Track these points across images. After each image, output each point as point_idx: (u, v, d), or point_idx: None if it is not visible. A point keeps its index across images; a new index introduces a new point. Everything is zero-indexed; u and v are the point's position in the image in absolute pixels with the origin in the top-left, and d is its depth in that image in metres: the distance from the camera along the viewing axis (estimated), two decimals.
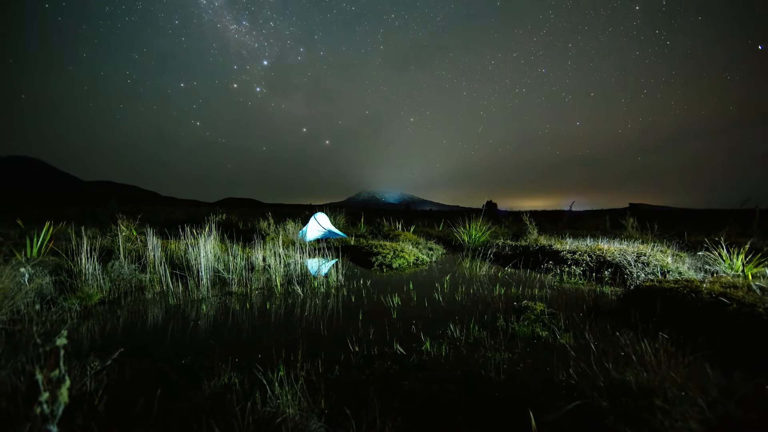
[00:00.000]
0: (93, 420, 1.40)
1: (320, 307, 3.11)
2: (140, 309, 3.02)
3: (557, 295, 3.55)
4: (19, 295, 2.69)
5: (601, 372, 1.75)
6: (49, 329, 2.50)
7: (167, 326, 2.59)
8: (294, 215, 11.08)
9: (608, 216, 12.09)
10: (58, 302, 2.94)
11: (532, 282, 4.19)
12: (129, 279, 3.62)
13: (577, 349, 2.12)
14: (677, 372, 1.64)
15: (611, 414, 1.39)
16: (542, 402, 1.57)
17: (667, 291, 2.82)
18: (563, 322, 2.60)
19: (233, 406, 1.51)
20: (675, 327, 2.38)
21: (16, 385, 1.55)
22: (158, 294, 3.49)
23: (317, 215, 8.17)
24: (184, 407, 1.53)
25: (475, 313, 2.89)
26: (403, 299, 3.35)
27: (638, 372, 1.66)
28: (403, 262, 5.33)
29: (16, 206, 17.60)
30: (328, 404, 1.55)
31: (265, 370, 1.86)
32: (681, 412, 1.37)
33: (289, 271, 4.42)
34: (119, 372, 1.84)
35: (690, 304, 2.54)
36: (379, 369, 1.91)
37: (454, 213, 17.62)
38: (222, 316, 2.83)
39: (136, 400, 1.57)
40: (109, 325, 2.63)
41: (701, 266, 4.47)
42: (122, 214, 7.06)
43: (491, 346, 2.20)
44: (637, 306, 2.83)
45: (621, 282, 4.12)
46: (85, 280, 3.30)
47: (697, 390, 1.49)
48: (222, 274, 4.06)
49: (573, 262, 4.83)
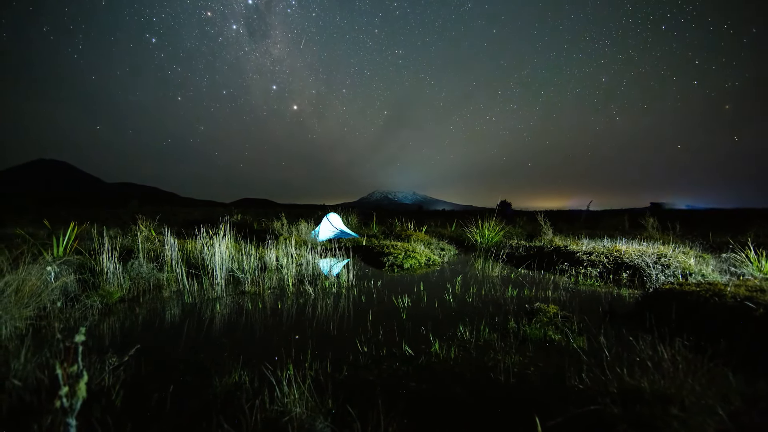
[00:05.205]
0: (110, 414, 1.46)
1: (331, 307, 3.13)
2: (157, 307, 3.12)
3: (572, 297, 3.46)
4: (45, 293, 2.82)
5: (615, 377, 1.70)
6: (72, 326, 2.61)
7: (182, 324, 2.66)
8: (307, 216, 11.20)
9: (627, 216, 11.72)
10: (81, 299, 3.07)
11: (546, 284, 4.10)
12: (147, 278, 3.74)
13: (590, 353, 2.07)
14: (696, 379, 1.57)
15: (624, 421, 1.35)
16: (552, 407, 1.53)
17: (688, 294, 2.72)
18: (577, 325, 2.54)
19: (242, 404, 1.54)
20: (695, 332, 2.28)
21: (40, 379, 1.63)
22: (175, 292, 3.59)
23: (329, 215, 8.24)
24: (196, 404, 1.58)
25: (485, 315, 2.86)
26: (413, 300, 3.34)
27: (654, 378, 1.61)
28: (414, 263, 5.31)
29: (45, 207, 18.46)
30: (335, 404, 1.56)
31: (274, 368, 1.89)
32: (699, 421, 1.31)
33: (301, 270, 4.47)
34: (136, 368, 1.90)
35: (712, 309, 2.44)
36: (387, 370, 1.91)
37: (467, 213, 17.44)
38: (235, 315, 2.89)
39: (151, 396, 1.63)
40: (127, 322, 2.72)
41: (726, 269, 4.28)
42: (142, 215, 7.30)
43: (501, 349, 2.16)
44: (655, 310, 2.74)
45: (640, 285, 3.99)
46: (106, 278, 3.44)
47: (717, 399, 1.43)
48: (236, 273, 4.14)
49: (589, 264, 4.70)
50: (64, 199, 46.83)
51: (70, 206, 22.00)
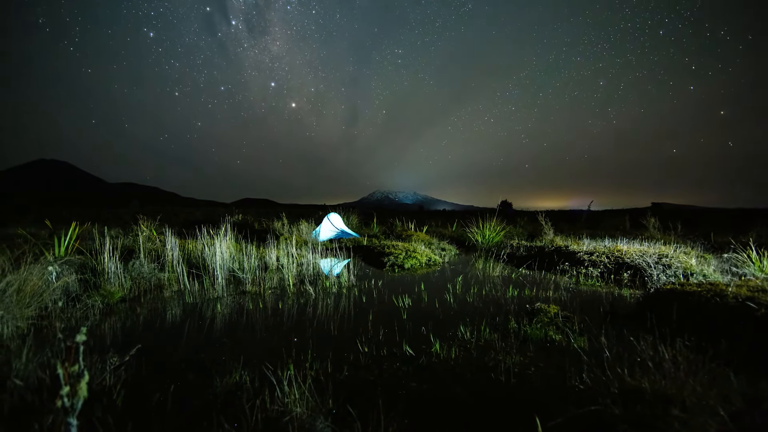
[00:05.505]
0: (111, 414, 1.46)
1: (331, 307, 3.13)
2: (158, 307, 3.12)
3: (573, 297, 3.46)
4: (47, 293, 2.83)
5: (615, 378, 1.70)
6: (74, 325, 2.61)
7: (183, 324, 2.67)
8: (308, 215, 11.21)
9: (628, 216, 11.70)
10: (82, 299, 3.08)
11: (547, 284, 4.10)
12: (148, 278, 3.75)
13: (591, 353, 2.06)
14: (697, 380, 1.57)
15: (624, 422, 1.34)
16: (552, 407, 1.53)
17: (690, 295, 2.71)
18: (578, 325, 2.54)
19: (243, 403, 1.54)
20: (697, 332, 2.28)
21: (42, 379, 1.63)
22: (176, 292, 3.60)
23: (330, 215, 8.25)
24: (197, 404, 1.58)
25: (486, 315, 2.86)
26: (414, 300, 3.34)
27: (655, 379, 1.60)
28: (415, 263, 5.31)
29: (46, 207, 18.51)
30: (335, 404, 1.56)
31: (275, 368, 1.89)
32: (700, 422, 1.31)
33: (301, 270, 4.47)
34: (137, 368, 1.91)
35: (714, 309, 2.43)
36: (388, 370, 1.91)
37: (468, 213, 17.43)
38: (236, 315, 2.89)
39: (152, 396, 1.63)
40: (128, 322, 2.73)
41: (728, 269, 4.27)
42: (143, 215, 7.32)
43: (502, 349, 2.16)
44: (656, 310, 2.73)
45: (641, 285, 3.98)
46: (107, 278, 3.44)
47: (718, 399, 1.42)
48: (237, 273, 4.15)
49: (590, 264, 4.70)
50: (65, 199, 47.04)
51: (72, 206, 22.06)
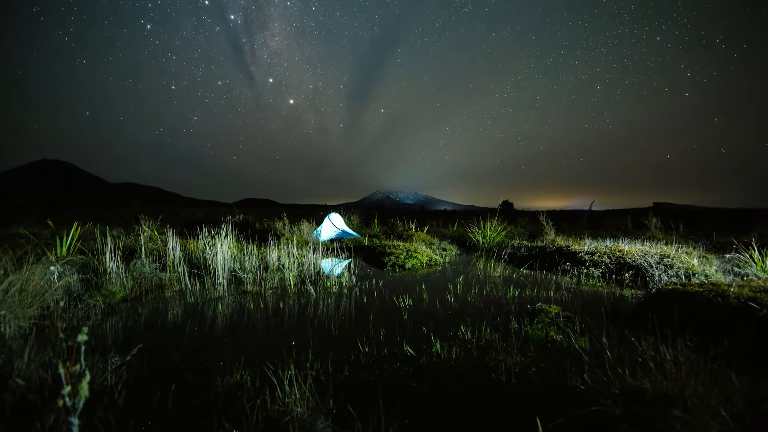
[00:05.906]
0: (112, 413, 1.46)
1: (332, 307, 3.14)
2: (160, 307, 3.13)
3: (574, 297, 3.45)
4: (49, 293, 2.83)
5: (617, 378, 1.69)
6: (75, 325, 2.62)
7: (184, 324, 2.67)
8: (309, 216, 11.22)
9: (630, 216, 11.68)
10: (84, 299, 3.09)
11: (548, 284, 4.09)
12: (150, 277, 3.76)
13: (592, 354, 2.06)
14: (699, 380, 1.56)
15: (625, 422, 1.34)
16: (553, 408, 1.53)
17: (691, 295, 2.70)
18: (579, 326, 2.53)
19: (244, 403, 1.54)
20: (698, 333, 2.27)
21: (43, 378, 1.64)
22: (177, 292, 3.61)
23: (331, 215, 8.26)
24: (198, 403, 1.58)
25: (487, 316, 2.85)
26: (414, 300, 3.34)
27: (656, 379, 1.60)
28: (416, 263, 5.31)
29: (48, 207, 18.56)
30: (336, 404, 1.56)
31: (275, 368, 1.89)
32: (701, 422, 1.30)
33: (302, 270, 4.47)
34: (138, 368, 1.91)
35: (715, 309, 2.42)
36: (388, 370, 1.91)
37: (469, 213, 17.41)
38: (237, 315, 2.90)
39: (153, 396, 1.63)
40: (130, 321, 2.74)
41: (730, 269, 4.25)
42: (145, 215, 7.34)
43: (503, 349, 2.16)
44: (657, 310, 2.72)
45: (642, 285, 3.97)
46: (109, 278, 3.45)
47: (720, 400, 1.42)
48: (238, 273, 4.16)
49: (591, 264, 4.69)
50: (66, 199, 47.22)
51: (73, 206, 22.13)
